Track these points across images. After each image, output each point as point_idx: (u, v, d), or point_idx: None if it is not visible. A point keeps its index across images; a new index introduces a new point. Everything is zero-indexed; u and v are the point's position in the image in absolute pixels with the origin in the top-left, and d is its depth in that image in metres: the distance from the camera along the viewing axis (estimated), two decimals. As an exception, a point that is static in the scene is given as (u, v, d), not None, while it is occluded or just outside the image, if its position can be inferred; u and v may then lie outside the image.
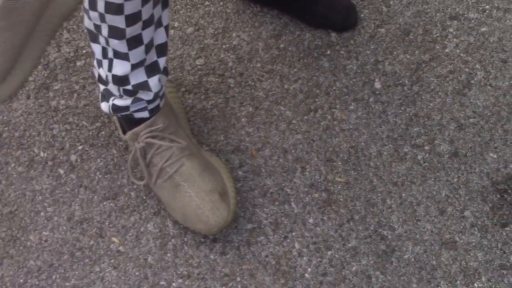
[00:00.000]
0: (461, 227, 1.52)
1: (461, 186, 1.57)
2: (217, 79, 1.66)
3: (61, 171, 1.55)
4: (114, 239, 1.48)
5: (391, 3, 1.79)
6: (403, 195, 1.55)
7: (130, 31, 1.25)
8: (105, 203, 1.51)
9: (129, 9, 1.21)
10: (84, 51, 1.67)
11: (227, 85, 1.65)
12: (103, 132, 1.59)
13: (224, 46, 1.70)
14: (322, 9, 1.71)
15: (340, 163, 1.58)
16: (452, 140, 1.62)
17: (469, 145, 1.62)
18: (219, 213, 1.41)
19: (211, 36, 1.71)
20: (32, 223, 1.50)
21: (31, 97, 1.62)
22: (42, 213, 1.51)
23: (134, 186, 1.53)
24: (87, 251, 1.47)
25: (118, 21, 1.23)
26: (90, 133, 1.59)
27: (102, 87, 1.40)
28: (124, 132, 1.46)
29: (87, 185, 1.53)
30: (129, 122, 1.43)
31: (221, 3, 1.76)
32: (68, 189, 1.53)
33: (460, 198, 1.55)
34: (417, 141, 1.62)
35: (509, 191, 1.57)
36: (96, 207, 1.51)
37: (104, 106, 1.42)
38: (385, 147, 1.60)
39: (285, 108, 1.64)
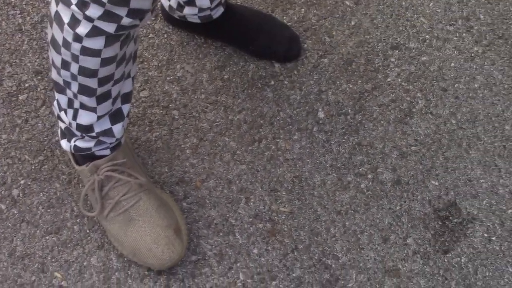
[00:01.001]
0: (404, 254, 1.51)
1: (404, 213, 1.56)
2: (161, 111, 1.64)
3: (3, 206, 1.51)
4: (56, 274, 1.44)
5: (333, 33, 1.79)
6: (347, 223, 1.54)
7: (101, 90, 1.25)
8: (47, 237, 1.48)
9: (103, 72, 1.21)
10: (27, 85, 1.64)
11: (172, 117, 1.63)
12: (46, 166, 1.55)
13: (168, 78, 1.68)
14: (265, 40, 1.71)
15: (284, 193, 1.57)
16: (395, 168, 1.61)
17: (411, 173, 1.61)
18: (174, 248, 1.40)
19: (155, 68, 1.69)
20: (-27, 259, 1.46)
21: (-27, 131, 1.59)
22: (-17, 249, 1.47)
23: (78, 220, 1.50)
24: (28, 287, 1.43)
25: (91, 82, 1.22)
26: (33, 167, 1.55)
27: (62, 125, 1.38)
28: (77, 163, 1.43)
29: (29, 219, 1.49)
30: (87, 156, 1.41)
31: (165, 35, 1.74)
32: (9, 224, 1.49)
33: (402, 226, 1.55)
34: (360, 169, 1.61)
35: (451, 218, 1.57)
36: (38, 242, 1.47)
37: (65, 145, 1.41)
38: (328, 176, 1.59)
39: (230, 139, 1.62)
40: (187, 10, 1.62)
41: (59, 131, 1.43)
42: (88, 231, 1.49)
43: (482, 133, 1.68)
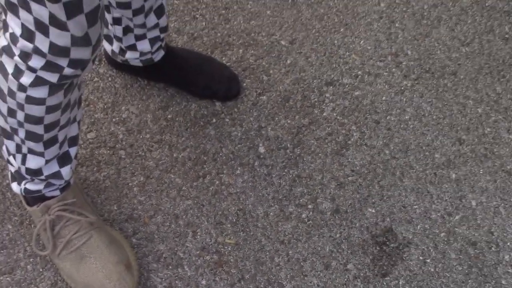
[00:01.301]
0: (345, 279, 1.57)
1: (344, 240, 1.62)
2: (108, 151, 1.68)
3: (-43, 249, 1.53)
4: (11, 312, 1.47)
5: (271, 72, 1.86)
6: (290, 252, 1.60)
7: (48, 136, 1.29)
8: (1, 278, 1.50)
9: (49, 119, 1.24)
10: None
11: (119, 157, 1.68)
12: None
13: (114, 119, 1.73)
14: (206, 80, 1.76)
15: (229, 226, 1.62)
16: (333, 198, 1.68)
17: (349, 202, 1.68)
18: (125, 283, 1.43)
19: (101, 111, 1.73)
20: None
21: None
22: None
23: (31, 259, 1.52)
24: (-16, 326, 1.45)
25: (37, 129, 1.25)
26: None
27: (12, 168, 1.41)
28: (29, 204, 1.46)
29: (-17, 261, 1.52)
30: (38, 197, 1.44)
31: (110, 79, 1.79)
32: (-36, 266, 1.52)
33: (343, 252, 1.61)
34: (301, 200, 1.67)
35: (388, 243, 1.63)
36: (-7, 282, 1.50)
37: (16, 188, 1.44)
38: (271, 208, 1.65)
39: (175, 175, 1.67)
40: (129, 55, 1.67)
41: (9, 174, 1.46)
42: (41, 270, 1.52)
43: (414, 162, 1.75)
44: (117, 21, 1.57)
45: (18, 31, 1.08)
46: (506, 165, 1.77)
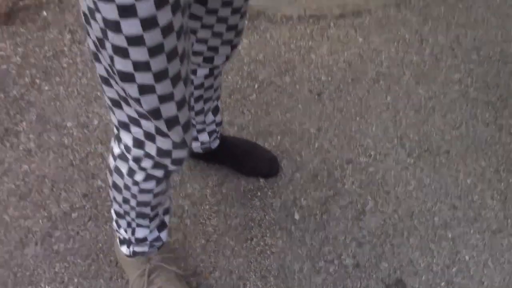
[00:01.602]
0: (365, 321, 1.70)
1: (363, 289, 1.73)
2: (177, 220, 1.80)
3: (63, 300, 1.63)
4: None
5: (302, 153, 1.98)
6: (321, 299, 1.70)
7: (153, 213, 1.43)
8: (97, 322, 1.61)
9: (155, 202, 1.37)
10: (77, 205, 1.80)
11: (185, 224, 1.80)
12: (93, 267, 1.70)
13: (181, 194, 1.85)
14: (252, 162, 1.89)
15: (272, 279, 1.73)
16: (354, 255, 1.78)
17: (367, 258, 1.78)
18: None
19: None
20: None
21: (38, 243, 1.74)
22: (49, 334, 1.59)
23: (119, 307, 1.67)
24: None
25: (146, 210, 1.39)
26: (83, 268, 1.70)
27: (121, 236, 1.53)
28: (129, 256, 1.57)
29: (83, 309, 1.63)
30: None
31: (177, 162, 1.95)
32: (68, 313, 1.61)
33: (363, 299, 1.70)
34: (328, 257, 1.77)
35: (398, 291, 1.77)
36: (91, 326, 1.60)
37: (125, 250, 1.55)
38: (305, 264, 1.75)
39: (229, 238, 1.78)
40: (192, 144, 1.79)
41: (117, 240, 1.56)
42: (128, 315, 1.65)
43: (418, 224, 1.85)
44: (183, 119, 1.74)
45: (130, 143, 1.20)
46: (491, 226, 1.86)
